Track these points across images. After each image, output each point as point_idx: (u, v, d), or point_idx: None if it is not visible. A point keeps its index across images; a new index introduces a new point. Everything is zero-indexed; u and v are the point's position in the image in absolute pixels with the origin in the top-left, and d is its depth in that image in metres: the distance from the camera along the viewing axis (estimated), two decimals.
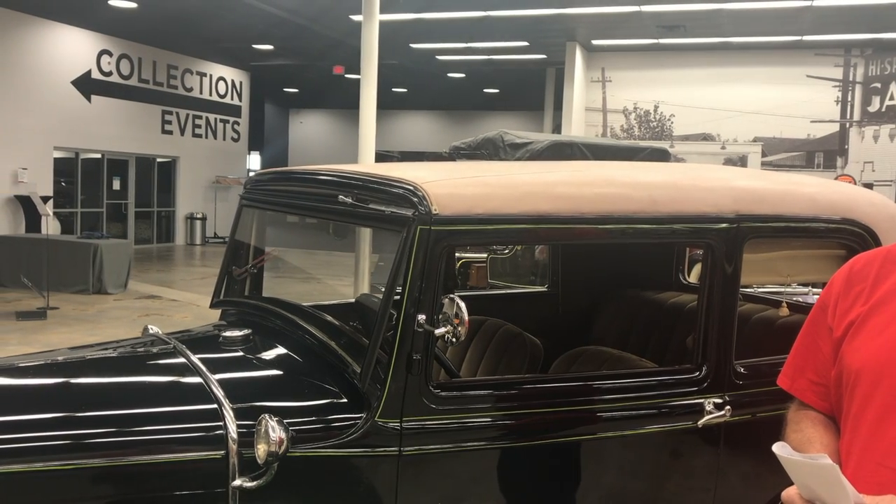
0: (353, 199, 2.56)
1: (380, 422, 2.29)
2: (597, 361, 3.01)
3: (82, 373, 2.67)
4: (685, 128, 17.35)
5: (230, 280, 3.40)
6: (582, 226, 2.56)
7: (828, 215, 2.92)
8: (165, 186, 20.82)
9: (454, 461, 2.40)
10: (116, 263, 12.68)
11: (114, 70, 18.36)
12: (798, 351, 1.85)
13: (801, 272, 3.10)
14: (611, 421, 2.61)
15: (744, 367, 2.78)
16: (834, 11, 13.47)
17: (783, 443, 1.51)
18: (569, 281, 4.20)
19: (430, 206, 2.32)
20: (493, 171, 2.98)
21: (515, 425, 2.50)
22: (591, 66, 17.80)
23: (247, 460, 2.19)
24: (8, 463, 2.10)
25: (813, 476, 1.44)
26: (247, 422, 2.23)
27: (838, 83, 16.49)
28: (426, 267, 2.31)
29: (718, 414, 2.67)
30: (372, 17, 10.64)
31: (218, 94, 22.13)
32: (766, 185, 3.01)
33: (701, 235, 2.74)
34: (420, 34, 16.48)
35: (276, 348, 2.82)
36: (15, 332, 9.51)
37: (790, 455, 1.46)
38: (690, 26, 14.87)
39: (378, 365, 2.33)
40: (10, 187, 15.58)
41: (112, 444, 2.21)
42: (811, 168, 16.59)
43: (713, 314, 2.71)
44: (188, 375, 2.48)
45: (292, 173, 3.23)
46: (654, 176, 2.98)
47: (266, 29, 16.44)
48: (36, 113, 16.12)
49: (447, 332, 2.25)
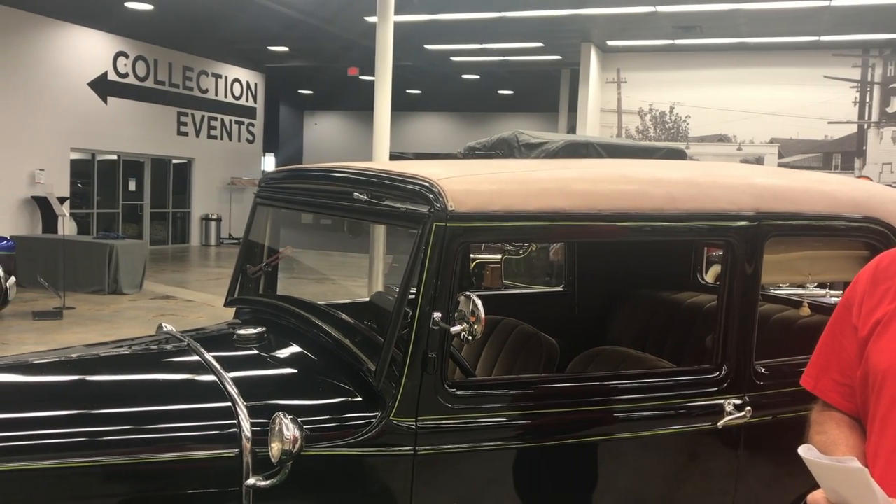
0: (369, 196, 2.53)
1: (395, 421, 2.27)
2: (614, 361, 2.97)
3: (97, 370, 2.66)
4: (701, 129, 17.25)
5: (244, 278, 3.39)
6: (598, 223, 2.52)
7: (849, 213, 2.87)
8: (181, 187, 20.92)
9: (469, 461, 2.37)
10: (132, 264, 12.74)
11: (130, 72, 18.46)
12: (822, 350, 1.80)
13: (822, 271, 3.05)
14: (629, 421, 2.57)
15: (764, 368, 2.73)
16: (852, 11, 13.36)
17: (809, 445, 1.47)
18: (585, 281, 4.17)
19: (446, 203, 2.30)
20: (509, 167, 2.95)
21: (532, 425, 2.47)
22: (606, 67, 17.74)
23: (260, 459, 2.17)
24: (22, 459, 2.09)
25: (841, 480, 1.40)
26: (261, 420, 2.21)
27: (856, 84, 16.35)
28: (442, 264, 2.28)
29: (738, 415, 2.63)
30: (387, 19, 10.63)
31: (233, 95, 22.22)
32: (787, 183, 2.96)
33: (721, 233, 2.70)
34: (434, 35, 16.47)
35: (291, 346, 2.80)
36: (32, 331, 9.56)
37: (817, 458, 1.41)
38: (706, 27, 14.79)
39: (393, 363, 2.31)
40: (27, 188, 15.70)
41: (126, 442, 2.20)
42: (828, 170, 16.44)
43: (733, 312, 2.66)
44: (202, 373, 2.46)
45: (307, 171, 3.21)
46: (673, 173, 2.94)
47: (281, 31, 16.49)
48: (53, 114, 16.24)
49: (463, 329, 2.22)
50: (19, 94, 15.45)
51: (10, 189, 15.34)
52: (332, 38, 16.69)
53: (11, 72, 15.27)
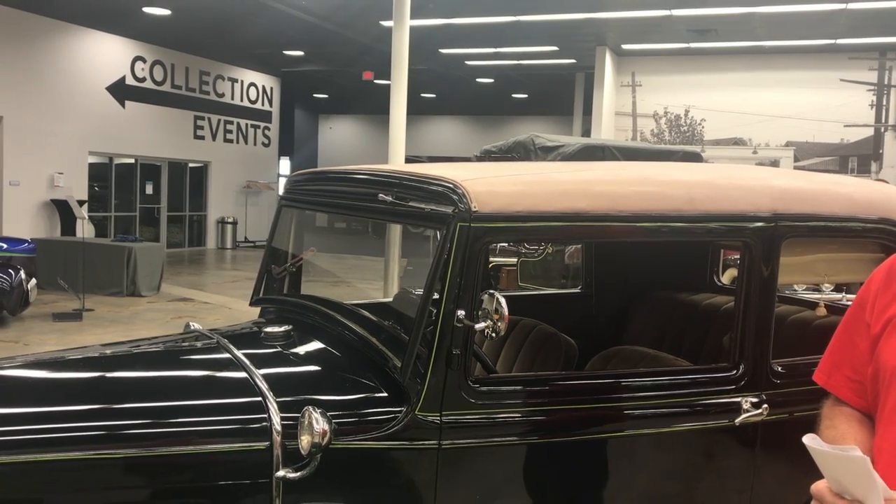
0: (393, 198, 2.60)
1: (420, 415, 2.33)
2: (632, 361, 3.02)
3: (132, 366, 2.74)
4: (716, 132, 17.24)
5: (269, 278, 3.46)
6: (619, 223, 2.57)
7: (865, 215, 2.90)
8: (197, 191, 21.08)
9: (492, 455, 2.43)
10: (150, 266, 12.86)
11: (147, 76, 18.64)
12: (835, 347, 1.84)
13: (837, 272, 3.09)
14: (648, 419, 2.62)
15: (781, 367, 2.78)
16: (868, 14, 13.32)
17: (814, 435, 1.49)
18: (603, 283, 4.21)
19: (470, 204, 2.36)
20: (531, 169, 3.01)
21: (551, 421, 2.52)
22: (621, 71, 17.75)
23: (290, 452, 2.24)
24: (52, 451, 2.16)
25: (843, 468, 1.42)
26: (290, 414, 2.28)
27: (873, 87, 16.29)
28: (466, 263, 2.34)
29: (755, 412, 2.67)
30: (402, 23, 10.70)
31: (249, 99, 22.38)
32: (804, 185, 3.01)
33: (738, 234, 2.74)
34: (449, 39, 16.54)
35: (317, 344, 2.87)
36: (52, 333, 9.69)
37: (820, 446, 1.44)
38: (722, 30, 14.78)
39: (417, 360, 2.37)
40: (46, 191, 15.88)
41: (162, 435, 2.27)
42: (845, 173, 16.39)
43: (750, 312, 2.71)
44: (233, 369, 2.53)
45: (330, 173, 3.28)
46: (692, 175, 2.99)
47: (297, 35, 16.60)
48: (72, 118, 16.42)
49: (487, 326, 2.28)
50: (39, 99, 15.64)
51: (30, 192, 15.52)
52: (347, 43, 16.79)
53: (31, 77, 15.47)
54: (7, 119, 14.98)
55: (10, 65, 14.98)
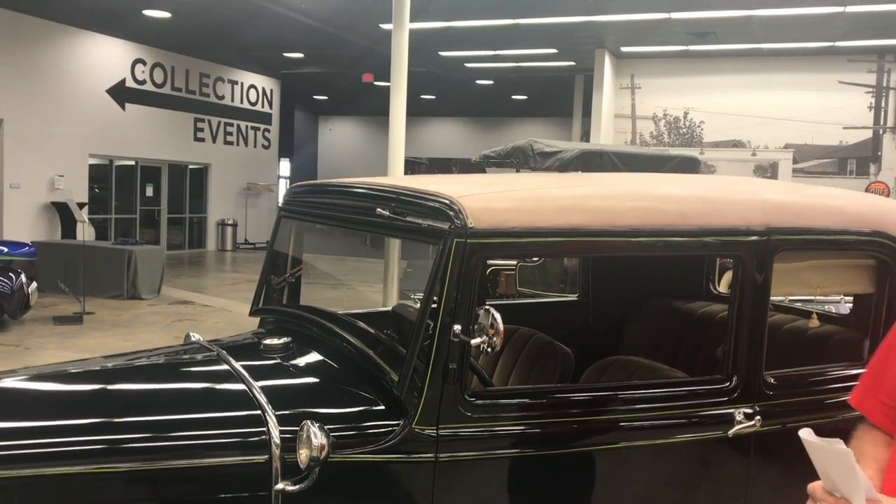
0: (390, 213, 2.63)
1: (417, 429, 2.36)
2: (627, 371, 3.05)
3: (133, 379, 2.78)
4: (715, 134, 17.28)
5: (269, 289, 3.50)
6: (613, 239, 2.61)
7: (858, 228, 2.94)
8: (197, 193, 21.13)
9: (489, 468, 2.46)
10: (150, 269, 12.90)
11: (147, 79, 18.69)
12: (871, 371, 1.88)
13: (830, 284, 3.12)
14: (642, 430, 2.65)
15: (774, 378, 2.81)
16: (867, 17, 13.36)
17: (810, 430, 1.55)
18: (599, 290, 4.25)
19: (466, 220, 2.39)
20: (527, 184, 3.04)
21: (549, 434, 2.55)
22: (620, 73, 17.79)
23: (289, 465, 2.27)
24: (61, 465, 2.19)
25: (830, 462, 1.49)
26: (289, 428, 2.31)
27: (871, 89, 16.33)
28: (462, 278, 2.38)
29: (748, 424, 2.70)
30: (402, 26, 10.74)
31: (249, 101, 22.42)
32: (796, 198, 3.04)
33: (731, 248, 2.78)
34: (449, 42, 16.58)
35: (315, 356, 2.90)
36: (52, 336, 9.73)
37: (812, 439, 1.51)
38: (721, 33, 14.82)
39: (415, 373, 2.40)
40: (46, 194, 15.92)
41: (162, 449, 2.30)
42: (843, 175, 16.44)
43: (743, 325, 2.74)
44: (232, 382, 2.57)
45: (330, 186, 3.32)
46: (684, 189, 3.02)
47: (296, 38, 16.65)
48: (72, 121, 16.46)
49: (482, 342, 2.31)
50: (39, 102, 15.68)
51: (31, 195, 15.57)
52: (347, 45, 16.83)
53: (32, 79, 15.51)
54: (7, 122, 15.02)
55: (11, 67, 15.02)
